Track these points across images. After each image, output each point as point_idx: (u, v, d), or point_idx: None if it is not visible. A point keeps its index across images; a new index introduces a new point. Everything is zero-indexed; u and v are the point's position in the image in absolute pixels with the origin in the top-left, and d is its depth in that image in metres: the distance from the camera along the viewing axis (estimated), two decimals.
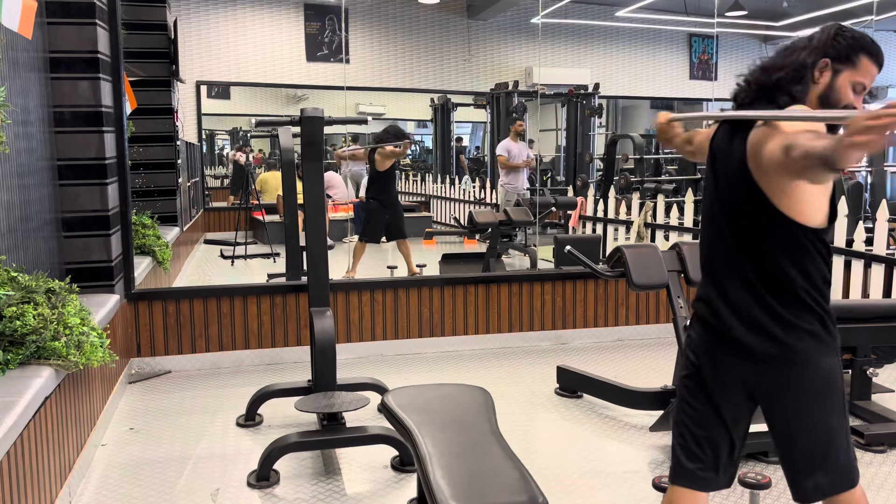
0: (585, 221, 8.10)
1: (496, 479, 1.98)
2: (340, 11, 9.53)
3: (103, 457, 3.30)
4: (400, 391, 2.58)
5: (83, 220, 3.86)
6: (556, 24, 10.12)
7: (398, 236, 6.82)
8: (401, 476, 3.11)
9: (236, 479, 3.08)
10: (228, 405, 3.93)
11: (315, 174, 3.55)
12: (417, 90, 10.41)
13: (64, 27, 3.72)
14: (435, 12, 10.15)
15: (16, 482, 2.23)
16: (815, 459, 1.80)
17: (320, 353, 3.36)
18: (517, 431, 3.57)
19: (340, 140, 11.68)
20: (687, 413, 1.94)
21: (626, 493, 2.98)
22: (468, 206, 9.70)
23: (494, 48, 10.41)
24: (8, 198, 2.97)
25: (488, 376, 4.33)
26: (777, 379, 1.81)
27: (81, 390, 3.13)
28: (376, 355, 4.81)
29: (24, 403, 2.25)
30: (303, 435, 3.14)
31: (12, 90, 3.02)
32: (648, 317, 5.29)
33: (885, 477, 3.07)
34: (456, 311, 4.95)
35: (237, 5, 9.14)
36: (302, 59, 9.47)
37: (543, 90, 9.58)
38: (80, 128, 3.80)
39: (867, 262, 4.96)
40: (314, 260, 3.58)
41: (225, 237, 8.85)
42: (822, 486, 1.81)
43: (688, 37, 11.38)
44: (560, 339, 5.12)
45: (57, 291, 2.88)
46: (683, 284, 3.53)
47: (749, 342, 1.82)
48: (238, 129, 12.06)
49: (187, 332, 4.51)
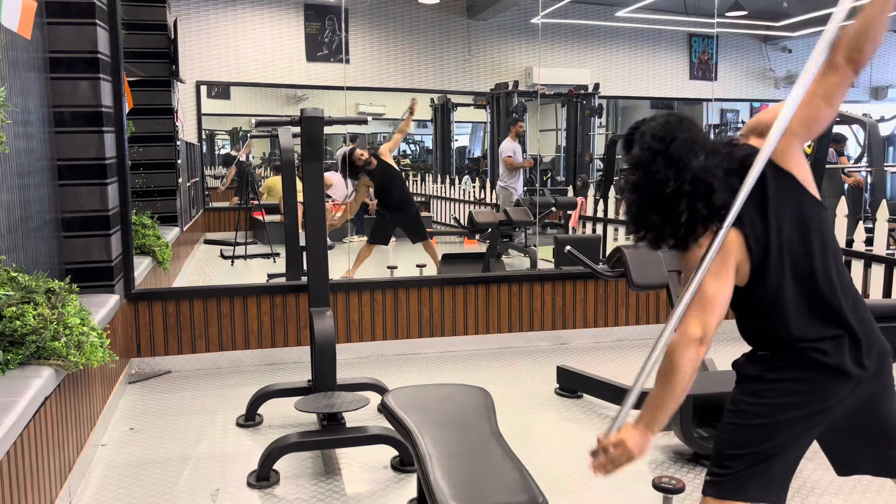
0: (585, 221, 8.10)
1: (496, 479, 1.98)
2: (340, 11, 9.54)
3: (103, 457, 3.30)
4: (400, 391, 2.58)
5: (83, 220, 3.86)
6: (556, 24, 10.12)
7: (417, 239, 6.80)
8: (401, 476, 3.11)
9: (236, 479, 3.08)
10: (228, 405, 3.93)
11: (315, 174, 3.55)
12: (417, 90, 10.40)
13: (64, 27, 3.72)
14: (435, 12, 10.15)
15: (16, 482, 2.23)
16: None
17: (320, 353, 3.36)
18: (517, 431, 3.57)
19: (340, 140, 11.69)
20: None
21: (626, 493, 2.98)
22: (468, 205, 9.70)
23: (494, 48, 10.41)
24: (8, 198, 2.97)
25: (488, 376, 4.33)
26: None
27: (81, 390, 3.13)
28: (376, 355, 4.81)
29: (24, 403, 2.25)
30: (303, 435, 3.14)
31: (12, 90, 3.02)
32: (648, 317, 5.29)
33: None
34: (456, 311, 4.95)
35: (237, 5, 9.14)
36: (302, 59, 9.48)
37: (543, 90, 9.58)
38: (80, 128, 3.80)
39: (867, 262, 4.96)
40: (314, 260, 3.58)
41: (225, 237, 8.85)
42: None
43: (688, 37, 11.39)
44: (560, 339, 5.12)
45: (57, 291, 2.88)
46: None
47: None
48: (238, 128, 12.05)
49: (187, 332, 4.51)
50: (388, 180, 6.68)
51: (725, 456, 1.81)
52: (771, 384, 1.79)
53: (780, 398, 1.76)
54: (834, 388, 1.75)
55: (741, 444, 1.79)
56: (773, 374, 1.79)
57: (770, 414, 1.77)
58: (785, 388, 1.77)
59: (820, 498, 2.92)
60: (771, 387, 1.78)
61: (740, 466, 1.78)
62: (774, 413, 1.76)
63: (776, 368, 1.79)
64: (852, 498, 2.90)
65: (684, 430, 3.11)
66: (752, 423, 1.78)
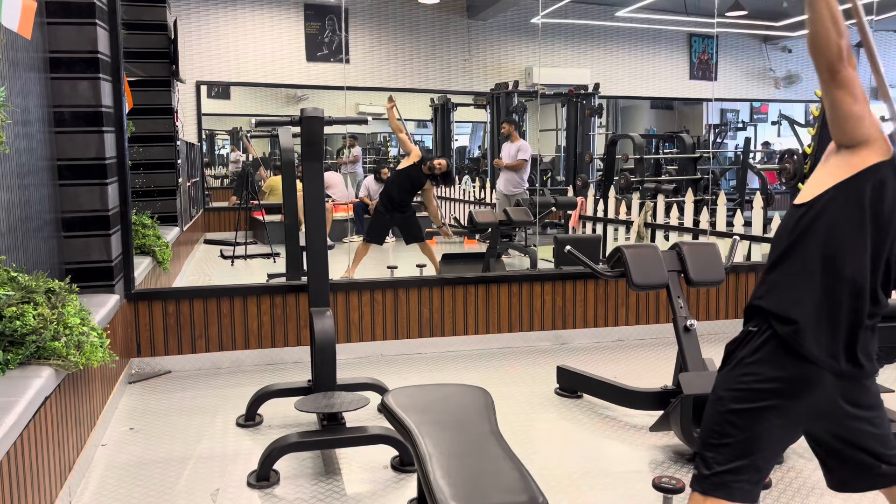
0: (585, 221, 8.10)
1: (496, 479, 1.98)
2: (340, 11, 9.54)
3: (103, 457, 3.30)
4: (400, 391, 2.57)
5: (83, 220, 3.86)
6: (556, 24, 10.13)
7: (411, 240, 6.83)
8: (401, 476, 3.11)
9: (236, 479, 3.08)
10: (228, 405, 3.93)
11: (315, 174, 3.55)
12: (417, 90, 10.41)
13: (64, 27, 3.72)
14: (435, 12, 10.15)
15: (16, 482, 2.23)
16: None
17: (320, 353, 3.36)
18: (517, 431, 3.57)
19: (340, 140, 11.69)
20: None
21: (626, 493, 2.98)
22: (468, 205, 9.70)
23: (494, 48, 10.42)
24: (8, 198, 2.97)
25: (488, 376, 4.33)
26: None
27: (81, 390, 3.13)
28: (376, 355, 4.81)
29: (24, 403, 2.25)
30: (303, 435, 3.14)
31: (12, 90, 3.02)
32: (648, 317, 5.29)
33: None
34: (456, 311, 4.95)
35: (237, 5, 9.14)
36: (302, 59, 9.48)
37: (543, 90, 9.58)
38: (80, 128, 3.80)
39: None
40: (314, 260, 3.58)
41: (225, 237, 8.85)
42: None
43: (688, 37, 11.39)
44: (560, 339, 5.12)
45: (57, 291, 2.88)
46: (683, 284, 3.53)
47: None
48: (238, 128, 12.06)
49: (187, 332, 4.51)
50: (398, 179, 6.89)
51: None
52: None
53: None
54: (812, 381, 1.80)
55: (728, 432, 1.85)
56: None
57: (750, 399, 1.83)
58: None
59: (820, 498, 2.92)
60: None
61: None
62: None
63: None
64: (853, 497, 2.90)
65: (684, 430, 3.11)
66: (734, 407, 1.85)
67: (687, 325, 3.38)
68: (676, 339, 3.40)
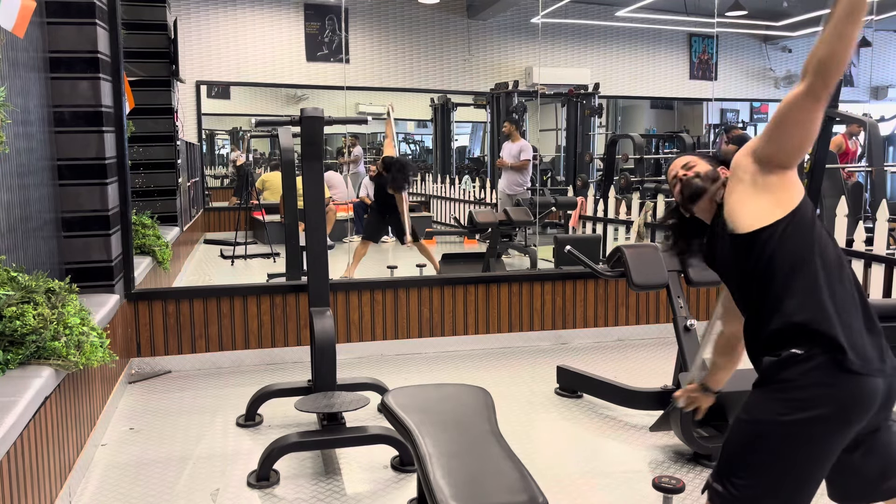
0: (585, 221, 8.09)
1: (496, 479, 1.98)
2: (340, 11, 9.53)
3: (103, 457, 3.30)
4: (400, 391, 2.57)
5: (83, 220, 3.86)
6: (556, 24, 10.12)
7: (402, 239, 6.83)
8: (401, 476, 3.11)
9: (236, 479, 3.08)
10: (228, 405, 3.93)
11: (315, 174, 3.55)
12: (417, 90, 10.40)
13: (64, 27, 3.72)
14: (435, 12, 10.14)
15: (16, 482, 2.23)
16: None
17: (320, 353, 3.36)
18: (517, 431, 3.57)
19: (340, 140, 11.68)
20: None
21: (626, 493, 2.98)
22: (468, 205, 9.70)
23: (494, 48, 10.41)
24: (8, 198, 2.97)
25: (488, 376, 4.33)
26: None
27: (81, 390, 3.13)
28: (376, 355, 4.81)
29: (24, 403, 2.25)
30: (303, 435, 3.14)
31: (12, 90, 3.02)
32: (648, 317, 5.29)
33: None
34: (456, 311, 4.95)
35: (237, 5, 9.13)
36: (302, 59, 9.47)
37: (543, 90, 9.58)
38: (80, 128, 3.80)
39: (867, 262, 4.96)
40: (314, 260, 3.58)
41: (225, 237, 8.85)
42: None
43: (688, 37, 11.38)
44: (560, 339, 5.12)
45: (57, 291, 2.88)
46: (683, 284, 3.53)
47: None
48: (238, 128, 12.06)
49: (187, 332, 4.51)
50: (379, 180, 6.81)
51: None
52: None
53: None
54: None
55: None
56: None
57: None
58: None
59: (820, 498, 2.91)
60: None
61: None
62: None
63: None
64: None
65: (684, 430, 3.11)
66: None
67: (687, 324, 3.38)
68: (676, 339, 3.40)
